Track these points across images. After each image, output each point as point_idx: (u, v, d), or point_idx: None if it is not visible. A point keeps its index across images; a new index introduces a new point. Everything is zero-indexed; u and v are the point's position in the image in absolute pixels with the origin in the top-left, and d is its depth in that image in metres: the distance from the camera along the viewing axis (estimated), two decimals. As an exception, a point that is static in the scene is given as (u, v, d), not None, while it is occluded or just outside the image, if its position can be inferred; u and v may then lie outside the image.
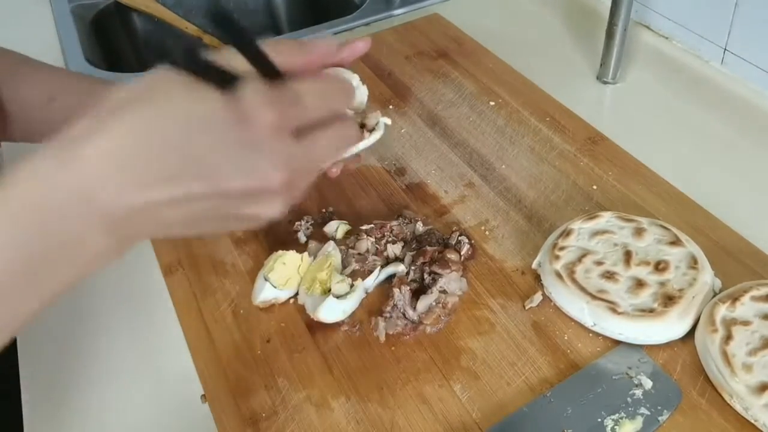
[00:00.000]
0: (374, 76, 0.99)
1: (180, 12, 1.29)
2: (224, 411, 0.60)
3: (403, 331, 0.65)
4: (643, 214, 0.72)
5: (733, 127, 0.86)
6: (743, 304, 0.61)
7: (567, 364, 0.61)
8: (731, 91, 0.90)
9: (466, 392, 0.60)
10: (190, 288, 0.71)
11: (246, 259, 0.74)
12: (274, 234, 0.76)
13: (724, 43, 0.92)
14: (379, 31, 1.10)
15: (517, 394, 0.59)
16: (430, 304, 0.66)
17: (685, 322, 0.61)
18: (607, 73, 0.95)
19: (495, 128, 0.88)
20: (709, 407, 0.57)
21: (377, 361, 0.63)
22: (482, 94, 0.94)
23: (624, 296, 0.62)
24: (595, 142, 0.85)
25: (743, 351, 0.57)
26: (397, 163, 0.85)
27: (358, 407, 0.60)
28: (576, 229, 0.69)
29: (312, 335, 0.65)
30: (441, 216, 0.77)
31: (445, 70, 1.00)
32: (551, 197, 0.78)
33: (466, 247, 0.71)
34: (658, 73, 0.96)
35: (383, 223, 0.74)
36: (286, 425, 0.59)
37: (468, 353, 0.63)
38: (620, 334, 0.61)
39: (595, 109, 0.91)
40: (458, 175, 0.82)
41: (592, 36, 1.02)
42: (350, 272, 0.69)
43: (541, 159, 0.83)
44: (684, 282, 0.63)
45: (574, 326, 0.64)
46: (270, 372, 0.63)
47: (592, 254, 0.66)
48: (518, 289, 0.68)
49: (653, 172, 0.79)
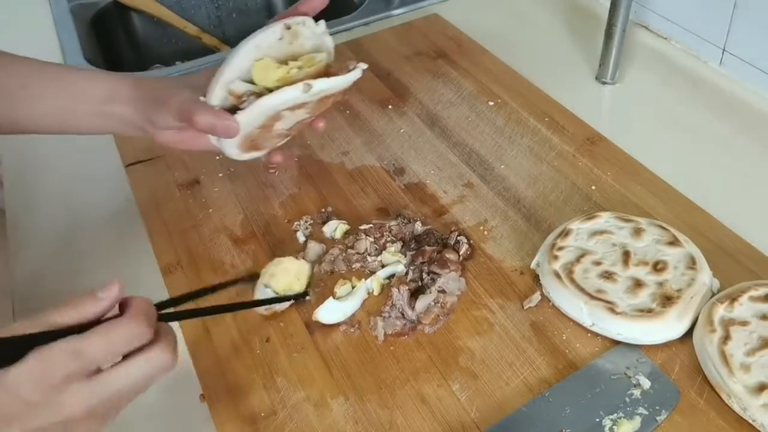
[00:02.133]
0: (373, 75, 0.99)
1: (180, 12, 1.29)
2: (223, 410, 0.60)
3: (401, 330, 0.65)
4: (642, 214, 0.72)
5: (732, 128, 0.86)
6: (741, 304, 0.61)
7: (565, 364, 0.61)
8: (730, 92, 0.91)
9: (464, 392, 0.60)
10: (189, 287, 0.71)
11: (245, 258, 0.74)
12: (274, 234, 0.76)
13: (722, 44, 0.92)
14: (378, 31, 1.10)
15: (515, 393, 0.59)
16: (429, 303, 0.66)
17: (683, 323, 0.61)
18: (606, 73, 0.95)
19: (494, 128, 0.88)
20: (707, 407, 0.57)
21: (376, 361, 0.63)
22: (481, 94, 0.94)
23: (622, 296, 0.62)
24: (593, 143, 0.85)
25: (741, 351, 0.57)
26: (396, 163, 0.85)
27: (356, 407, 0.60)
28: (575, 229, 0.69)
29: (311, 335, 0.65)
30: (440, 216, 0.77)
31: (444, 70, 1.00)
32: (550, 197, 0.78)
33: (464, 247, 0.71)
34: (657, 73, 0.96)
35: (382, 223, 0.74)
36: (284, 425, 0.59)
37: (466, 353, 0.63)
38: (618, 334, 0.61)
39: (594, 109, 0.91)
40: (457, 175, 0.82)
41: (591, 36, 1.02)
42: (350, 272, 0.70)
43: (540, 159, 0.83)
44: (682, 282, 0.63)
45: (572, 326, 0.64)
46: (269, 372, 0.63)
47: (590, 254, 0.66)
48: (517, 289, 0.68)
49: (652, 173, 0.80)
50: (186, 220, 0.79)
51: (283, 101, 0.60)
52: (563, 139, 0.86)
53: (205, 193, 0.82)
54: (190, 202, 0.81)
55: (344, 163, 0.85)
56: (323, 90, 0.61)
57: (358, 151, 0.87)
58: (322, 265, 0.71)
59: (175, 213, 0.80)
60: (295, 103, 0.61)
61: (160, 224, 0.78)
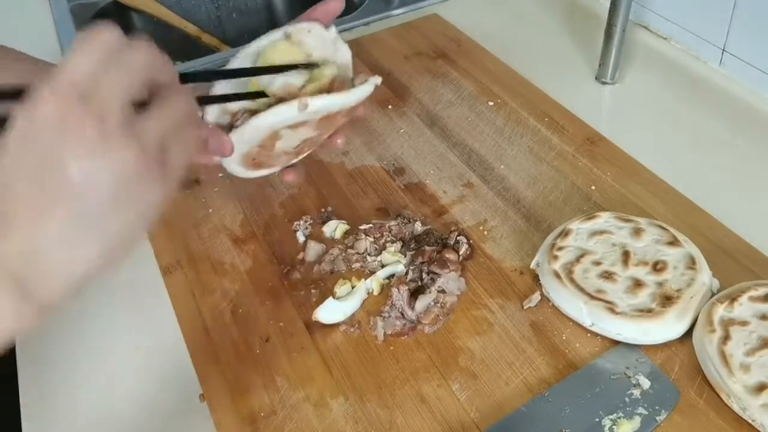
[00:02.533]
0: (373, 76, 0.99)
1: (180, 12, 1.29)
2: (222, 410, 0.60)
3: (401, 330, 0.65)
4: (642, 214, 0.72)
5: (732, 128, 0.86)
6: (741, 304, 0.61)
7: (565, 364, 0.61)
8: (729, 92, 0.91)
9: (464, 392, 0.60)
10: (189, 287, 0.71)
11: (245, 258, 0.74)
12: (274, 234, 0.76)
13: (722, 44, 0.92)
14: (378, 31, 1.10)
15: (515, 393, 0.59)
16: (429, 303, 0.66)
17: (683, 323, 0.61)
18: (606, 73, 0.95)
19: (494, 128, 0.88)
20: (707, 407, 0.57)
21: (376, 361, 0.63)
22: (481, 94, 0.94)
23: (622, 296, 0.62)
24: (593, 143, 0.85)
25: (741, 351, 0.57)
26: (395, 162, 0.85)
27: (356, 407, 0.60)
28: (574, 229, 0.69)
29: (311, 335, 0.65)
30: (440, 216, 0.77)
31: (443, 70, 1.00)
32: (550, 197, 0.78)
33: (464, 247, 0.71)
34: (657, 73, 0.96)
35: (382, 223, 0.74)
36: (284, 425, 0.59)
37: (466, 353, 0.63)
38: (618, 334, 0.61)
39: (594, 109, 0.91)
40: (457, 175, 0.82)
41: (590, 36, 1.02)
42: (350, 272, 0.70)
43: (540, 159, 0.83)
44: (682, 282, 0.63)
45: (572, 326, 0.64)
46: (268, 371, 0.63)
47: (590, 254, 0.66)
48: (516, 289, 0.68)
49: (651, 173, 0.80)
50: (186, 220, 0.79)
51: (277, 120, 0.54)
52: (563, 139, 0.86)
53: (205, 193, 0.82)
54: (190, 202, 0.81)
55: (344, 163, 0.85)
56: (323, 108, 0.55)
57: (358, 151, 0.87)
58: (322, 265, 0.71)
59: (174, 213, 0.79)
60: (292, 122, 0.55)
61: (160, 224, 0.78)
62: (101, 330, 0.69)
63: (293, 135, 0.57)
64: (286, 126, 0.55)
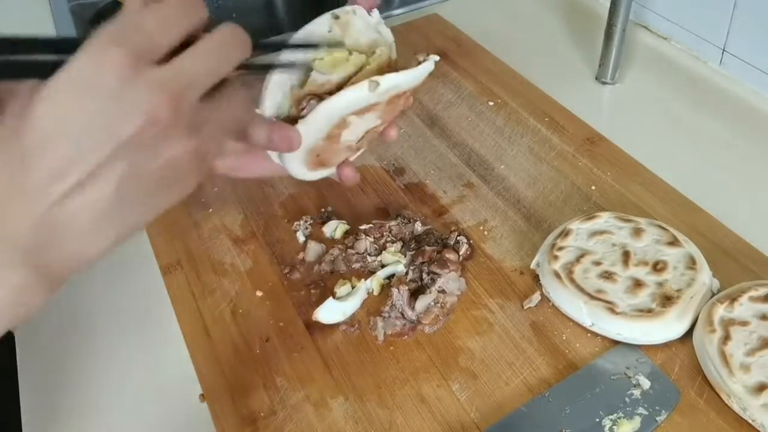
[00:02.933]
0: (373, 76, 0.99)
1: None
2: (223, 410, 0.60)
3: (401, 330, 0.65)
4: (642, 214, 0.72)
5: (732, 128, 0.86)
6: (741, 304, 0.61)
7: (565, 364, 0.61)
8: (729, 92, 0.91)
9: (464, 392, 0.60)
10: (189, 287, 0.71)
11: (245, 258, 0.74)
12: (273, 234, 0.76)
13: (722, 44, 0.92)
14: (378, 31, 1.10)
15: (515, 393, 0.59)
16: (429, 304, 0.66)
17: (683, 323, 0.61)
18: (606, 73, 0.95)
19: (494, 128, 0.88)
20: (707, 407, 0.57)
21: (376, 361, 0.63)
22: (481, 94, 0.94)
23: (622, 296, 0.62)
24: (593, 143, 0.85)
25: (741, 351, 0.57)
26: (396, 163, 0.85)
27: (356, 407, 0.60)
28: (574, 229, 0.69)
29: (311, 335, 0.65)
30: (440, 216, 0.77)
31: (444, 70, 1.00)
32: (550, 197, 0.78)
33: (464, 247, 0.71)
34: (657, 73, 0.96)
35: (382, 223, 0.74)
36: (284, 425, 0.59)
37: (466, 353, 0.63)
38: (618, 334, 0.61)
39: (594, 109, 0.91)
40: (457, 175, 0.82)
41: (590, 36, 1.02)
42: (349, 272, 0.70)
43: (540, 159, 0.83)
44: (682, 282, 0.63)
45: (572, 326, 0.64)
46: (269, 371, 0.63)
47: (590, 254, 0.66)
48: (517, 289, 0.68)
49: (651, 173, 0.80)
50: (186, 220, 0.79)
51: (348, 103, 0.51)
52: (563, 139, 0.86)
53: (205, 193, 0.82)
54: (189, 201, 0.81)
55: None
56: (393, 87, 0.53)
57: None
58: (322, 265, 0.71)
59: (174, 213, 0.79)
60: (362, 105, 0.52)
61: (160, 224, 0.78)
62: (101, 329, 0.69)
63: (360, 123, 0.55)
64: (355, 110, 0.53)
